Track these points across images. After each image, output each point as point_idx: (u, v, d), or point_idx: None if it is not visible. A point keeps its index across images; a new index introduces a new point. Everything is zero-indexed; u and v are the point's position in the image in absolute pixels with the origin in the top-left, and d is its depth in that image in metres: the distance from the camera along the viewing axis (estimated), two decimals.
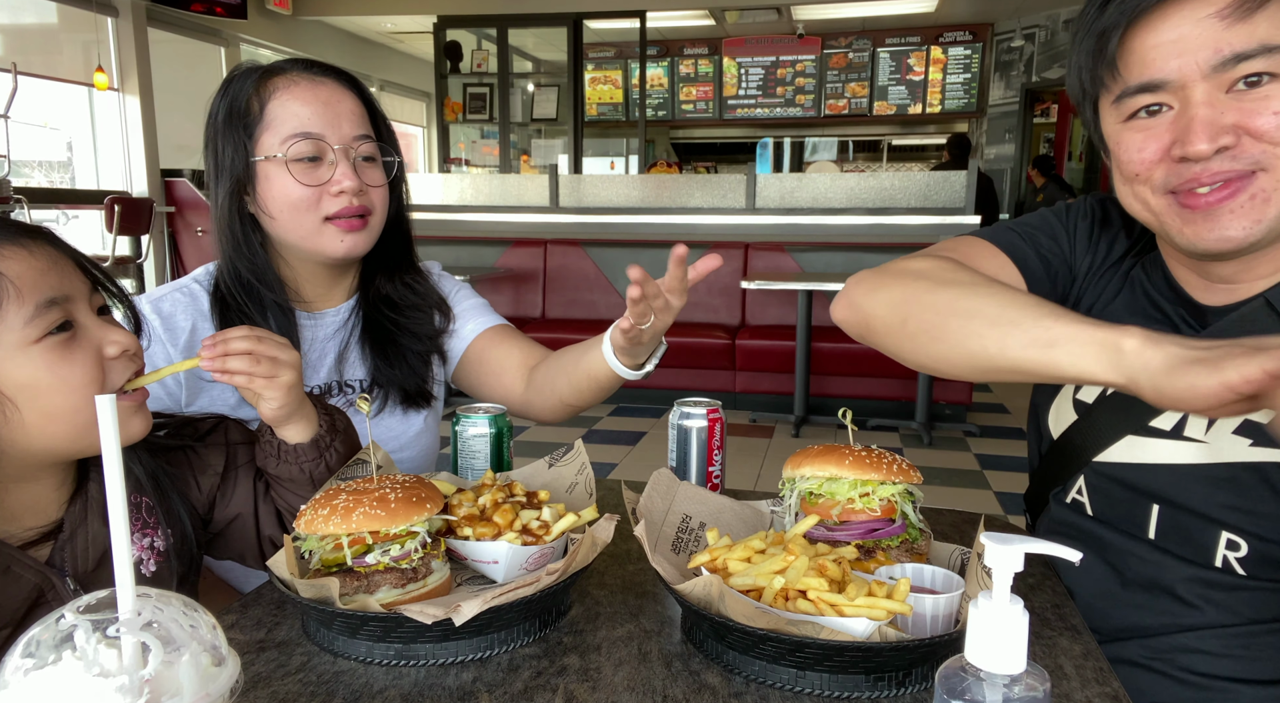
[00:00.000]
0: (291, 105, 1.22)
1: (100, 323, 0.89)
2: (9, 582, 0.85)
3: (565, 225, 6.01)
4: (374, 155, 1.29)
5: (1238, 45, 0.80)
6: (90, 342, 0.87)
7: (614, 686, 0.78)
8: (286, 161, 1.21)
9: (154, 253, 7.15)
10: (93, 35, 7.16)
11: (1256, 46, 0.79)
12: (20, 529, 0.89)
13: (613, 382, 1.26)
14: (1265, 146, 0.81)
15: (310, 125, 1.22)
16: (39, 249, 0.85)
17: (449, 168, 8.80)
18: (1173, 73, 0.83)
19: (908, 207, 5.46)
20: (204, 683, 0.49)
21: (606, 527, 0.90)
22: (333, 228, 1.25)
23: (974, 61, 10.25)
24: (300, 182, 1.22)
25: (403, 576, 0.86)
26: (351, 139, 1.25)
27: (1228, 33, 0.80)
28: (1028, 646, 0.52)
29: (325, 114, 1.23)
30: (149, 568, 0.97)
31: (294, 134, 1.21)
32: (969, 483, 4.03)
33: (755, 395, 5.28)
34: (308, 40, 9.38)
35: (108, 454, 0.52)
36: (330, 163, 1.23)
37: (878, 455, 0.96)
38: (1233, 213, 0.84)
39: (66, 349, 0.84)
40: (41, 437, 0.84)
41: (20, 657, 0.47)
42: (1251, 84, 0.81)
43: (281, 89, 1.23)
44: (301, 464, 1.02)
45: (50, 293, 0.84)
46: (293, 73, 1.25)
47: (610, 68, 11.14)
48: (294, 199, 1.22)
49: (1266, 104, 0.80)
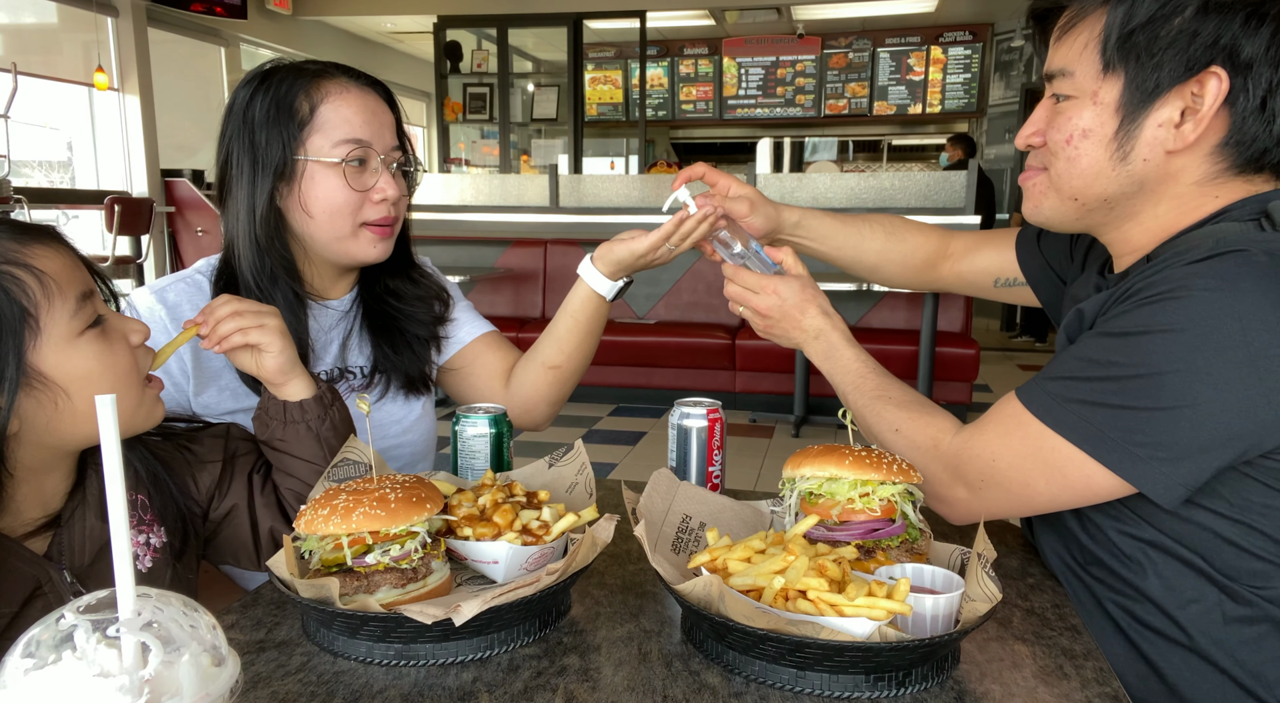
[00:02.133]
0: (344, 111, 1.26)
1: (118, 315, 0.94)
2: (5, 573, 0.86)
3: (565, 225, 6.01)
4: (403, 164, 1.33)
5: (1052, 63, 0.98)
6: (118, 332, 0.92)
7: (614, 686, 0.78)
8: (343, 165, 1.24)
9: (154, 253, 7.15)
10: (93, 35, 7.15)
11: (1057, 67, 0.96)
12: (21, 522, 0.90)
13: (592, 307, 1.43)
14: (1046, 153, 1.00)
15: (361, 131, 1.26)
16: (62, 247, 0.90)
17: (449, 168, 8.80)
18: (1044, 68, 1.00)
19: (907, 207, 5.46)
20: (204, 683, 0.49)
21: (606, 527, 0.90)
22: (367, 233, 1.29)
23: (974, 61, 10.24)
24: (351, 186, 1.26)
25: (403, 576, 0.86)
26: (391, 149, 1.30)
27: (1054, 49, 0.98)
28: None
29: (373, 123, 1.28)
30: (145, 564, 0.98)
31: (348, 139, 1.25)
32: None
33: (755, 395, 5.28)
34: (308, 40, 9.38)
35: (108, 454, 0.52)
36: (374, 171, 1.28)
37: (878, 455, 0.96)
38: (1028, 194, 1.05)
39: (106, 339, 0.90)
40: (89, 423, 0.88)
41: (20, 657, 0.47)
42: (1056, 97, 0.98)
43: (334, 94, 1.26)
44: (308, 422, 1.08)
45: (82, 287, 0.89)
46: (343, 79, 1.28)
47: (610, 68, 11.14)
48: (339, 202, 1.26)
49: (1057, 120, 0.98)
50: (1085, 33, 0.94)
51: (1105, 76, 0.93)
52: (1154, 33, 0.89)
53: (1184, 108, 0.91)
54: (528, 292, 5.90)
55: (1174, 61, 0.89)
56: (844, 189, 5.66)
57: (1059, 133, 0.97)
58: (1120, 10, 0.91)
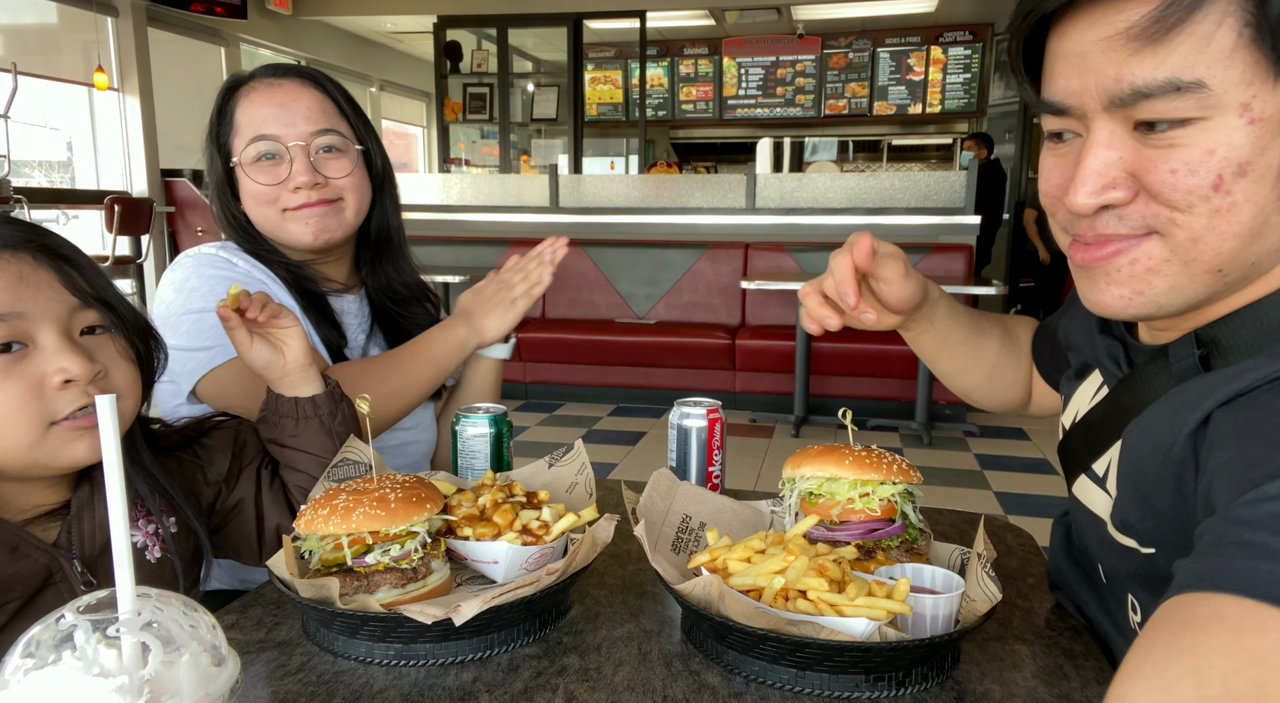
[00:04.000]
0: (250, 110, 1.31)
1: (62, 347, 0.83)
2: (17, 560, 0.85)
3: (565, 225, 6.00)
4: (336, 146, 1.34)
5: (1140, 78, 0.64)
6: (36, 367, 0.83)
7: (614, 686, 0.78)
8: (242, 164, 1.31)
9: (154, 253, 7.15)
10: (93, 35, 7.15)
11: (1163, 81, 0.63)
12: (31, 506, 0.89)
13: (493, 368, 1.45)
14: (1159, 209, 0.66)
15: (265, 126, 1.30)
16: (6, 264, 0.83)
17: (449, 168, 8.79)
18: (1073, 97, 0.69)
19: (907, 207, 5.46)
20: (204, 683, 0.49)
21: (606, 527, 0.90)
22: (295, 215, 1.32)
23: (974, 61, 10.24)
24: (256, 181, 1.30)
25: (403, 576, 0.86)
26: (309, 134, 1.31)
27: (1133, 59, 0.64)
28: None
29: (280, 114, 1.30)
30: (153, 555, 0.97)
31: (252, 137, 1.30)
32: (969, 483, 4.03)
33: (755, 395, 5.28)
34: (308, 40, 9.38)
35: (108, 455, 0.52)
36: (288, 161, 1.30)
37: (878, 455, 0.96)
38: (1109, 277, 0.71)
39: (3, 373, 0.81)
40: None
41: (20, 657, 0.47)
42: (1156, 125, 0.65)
43: (244, 97, 1.32)
44: (321, 417, 1.08)
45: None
46: (255, 80, 1.33)
47: (610, 68, 11.13)
48: (256, 197, 1.32)
49: (1169, 155, 0.64)
50: (1209, 24, 0.61)
51: (1274, 80, 0.62)
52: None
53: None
54: None
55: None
56: (844, 189, 5.65)
57: (1194, 176, 0.64)
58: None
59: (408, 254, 1.49)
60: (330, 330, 1.35)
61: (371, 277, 1.45)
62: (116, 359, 0.90)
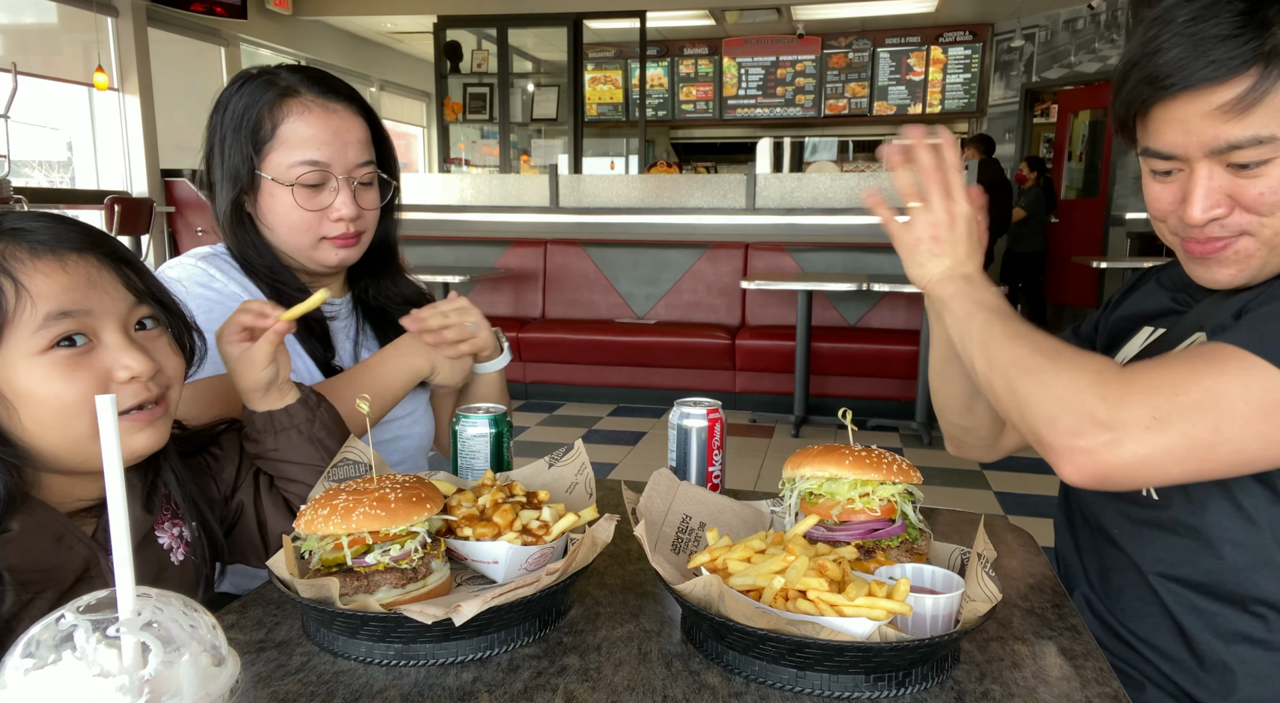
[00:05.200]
0: (303, 131, 1.27)
1: (125, 344, 0.88)
2: (62, 550, 0.88)
3: (565, 225, 6.01)
4: (373, 180, 1.34)
5: (1233, 136, 0.91)
6: (102, 362, 0.87)
7: (614, 686, 0.78)
8: (293, 187, 1.27)
9: (154, 253, 7.16)
10: (93, 35, 7.15)
11: (1249, 137, 0.90)
12: (73, 499, 0.92)
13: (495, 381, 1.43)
14: (1251, 217, 0.94)
15: (319, 154, 1.27)
16: (76, 265, 0.87)
17: (449, 168, 8.80)
18: (1179, 149, 0.95)
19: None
20: (204, 683, 0.49)
21: (606, 527, 0.90)
22: (328, 244, 1.32)
23: (974, 61, 10.24)
24: (302, 207, 1.28)
25: (403, 576, 0.86)
26: (355, 166, 1.30)
27: (1226, 125, 0.91)
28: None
29: (334, 143, 1.28)
30: (178, 557, 0.99)
31: (302, 161, 1.26)
32: (969, 483, 4.03)
33: (755, 395, 5.28)
34: (308, 40, 9.38)
35: (108, 454, 0.52)
36: (332, 190, 1.29)
37: (878, 455, 0.96)
38: (1221, 263, 0.99)
39: (71, 365, 0.85)
40: (38, 442, 0.86)
41: (20, 657, 0.47)
42: (1246, 165, 0.93)
43: (295, 114, 1.27)
44: (298, 426, 1.07)
45: (68, 306, 0.85)
46: (307, 96, 1.28)
47: (610, 68, 11.14)
48: (294, 221, 1.29)
49: (1256, 182, 0.92)
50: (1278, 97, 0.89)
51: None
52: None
53: None
54: (528, 292, 5.90)
55: None
56: (844, 189, 5.65)
57: (1276, 195, 0.92)
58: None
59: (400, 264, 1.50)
60: (317, 344, 1.33)
61: (372, 289, 1.45)
62: (167, 352, 0.94)
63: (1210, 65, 0.89)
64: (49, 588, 0.87)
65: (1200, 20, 0.91)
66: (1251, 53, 0.88)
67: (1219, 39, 0.89)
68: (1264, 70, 0.88)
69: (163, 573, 0.97)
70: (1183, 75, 0.91)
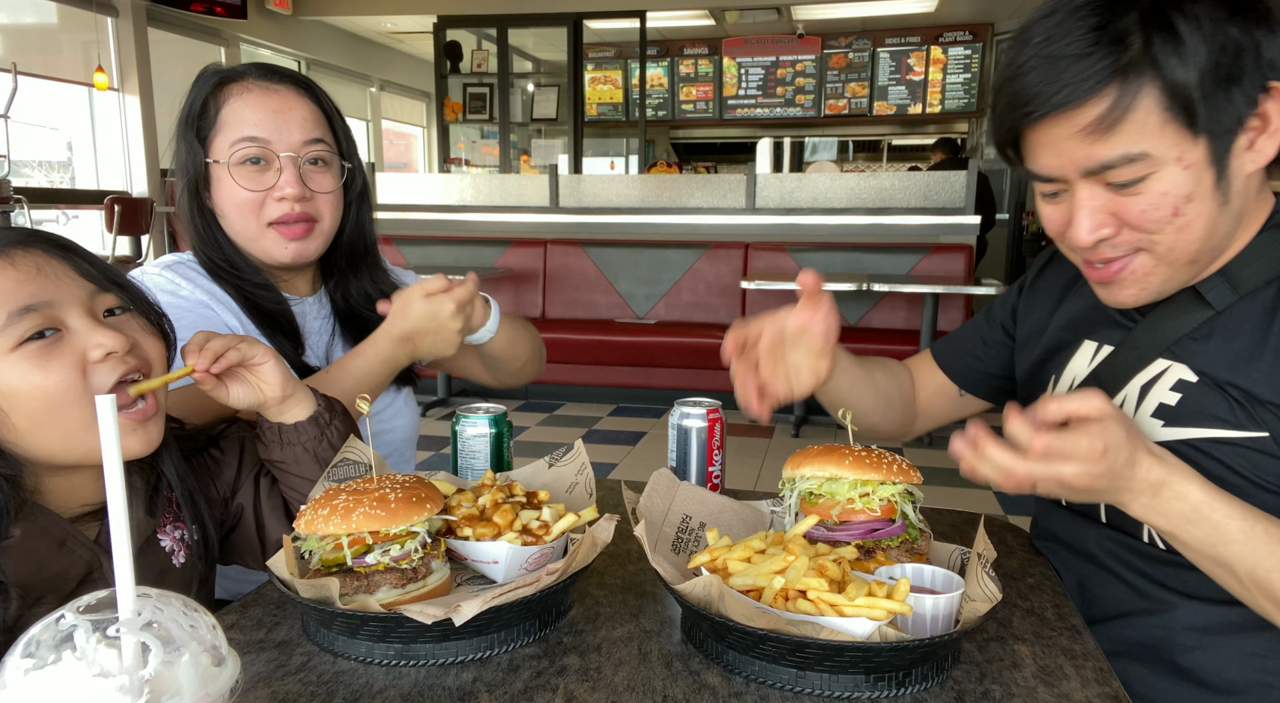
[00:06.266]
0: (242, 111, 1.26)
1: (93, 326, 0.87)
2: (64, 555, 0.88)
3: (565, 225, 6.01)
4: (324, 158, 1.31)
5: (1103, 156, 0.89)
6: (74, 347, 0.86)
7: (614, 686, 0.78)
8: (229, 165, 1.26)
9: (154, 253, 7.15)
10: (93, 35, 7.15)
11: (1119, 156, 0.88)
12: (76, 504, 0.91)
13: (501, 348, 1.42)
14: (1139, 234, 0.92)
15: (257, 130, 1.26)
16: (23, 259, 0.86)
17: (449, 168, 8.79)
18: (1055, 170, 0.93)
19: (907, 207, 5.46)
20: (204, 683, 0.49)
21: (606, 527, 0.90)
22: (274, 233, 1.29)
23: (974, 61, 10.24)
24: (242, 186, 1.26)
25: (403, 576, 0.86)
26: (300, 144, 1.28)
27: (1094, 145, 0.88)
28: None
29: (274, 120, 1.27)
30: (179, 559, 0.99)
31: (240, 139, 1.26)
32: (969, 483, 4.02)
33: None
34: (308, 40, 9.38)
35: (108, 454, 0.52)
36: (276, 170, 1.27)
37: (878, 455, 0.96)
38: (1120, 285, 0.98)
39: (45, 356, 0.84)
40: (34, 441, 0.86)
41: (20, 657, 0.47)
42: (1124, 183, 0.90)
43: (235, 95, 1.27)
44: (305, 444, 1.06)
45: (27, 301, 0.84)
46: (248, 79, 1.28)
47: (610, 68, 11.13)
48: (238, 202, 1.27)
49: (1137, 200, 0.90)
50: (1141, 113, 0.86)
51: (1193, 138, 0.87)
52: (1219, 73, 0.85)
53: (1251, 128, 0.89)
54: (528, 292, 5.90)
55: (1242, 92, 0.86)
56: (844, 189, 5.65)
57: (1158, 210, 0.90)
58: (1176, 72, 0.84)
59: (382, 263, 1.47)
60: (285, 342, 1.31)
61: (340, 287, 1.42)
62: (142, 334, 0.93)
63: (1066, 89, 0.87)
64: (51, 593, 0.87)
65: (1054, 40, 0.88)
66: (1107, 70, 0.85)
67: (1073, 58, 0.86)
68: (1123, 86, 0.85)
69: (165, 576, 0.97)
70: (1041, 100, 0.88)
